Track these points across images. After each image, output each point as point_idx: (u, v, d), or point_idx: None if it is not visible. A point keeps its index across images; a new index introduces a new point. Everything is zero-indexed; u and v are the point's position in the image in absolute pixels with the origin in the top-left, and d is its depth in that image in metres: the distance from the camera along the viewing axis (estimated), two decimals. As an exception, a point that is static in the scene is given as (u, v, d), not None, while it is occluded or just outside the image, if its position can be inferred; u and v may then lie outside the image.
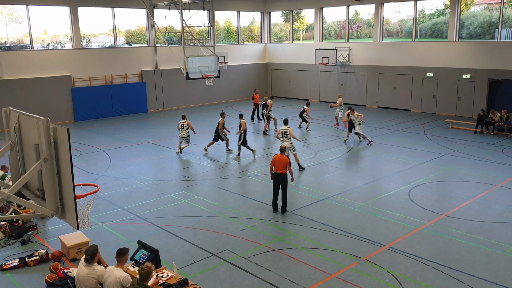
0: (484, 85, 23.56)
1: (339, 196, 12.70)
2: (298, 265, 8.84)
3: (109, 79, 26.07)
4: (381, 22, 27.70)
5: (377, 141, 19.08)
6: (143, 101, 27.32)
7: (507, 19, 23.59)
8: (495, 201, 12.12)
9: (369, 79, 28.24)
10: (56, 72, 24.15)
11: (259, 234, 10.28)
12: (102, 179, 14.44)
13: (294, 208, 11.82)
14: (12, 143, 5.88)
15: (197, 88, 29.40)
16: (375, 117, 24.52)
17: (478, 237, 9.98)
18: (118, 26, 27.24)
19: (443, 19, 26.24)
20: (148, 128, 22.95)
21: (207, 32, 29.73)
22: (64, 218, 5.41)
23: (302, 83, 31.98)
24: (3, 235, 10.20)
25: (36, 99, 23.32)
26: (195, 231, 10.49)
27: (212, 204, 12.30)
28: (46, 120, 5.08)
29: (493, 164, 15.45)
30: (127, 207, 12.09)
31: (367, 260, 8.99)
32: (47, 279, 8.26)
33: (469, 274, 8.43)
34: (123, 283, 6.60)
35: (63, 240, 9.36)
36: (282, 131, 15.00)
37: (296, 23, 33.80)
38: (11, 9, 23.67)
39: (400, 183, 13.74)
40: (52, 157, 5.15)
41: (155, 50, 27.84)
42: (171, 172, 15.24)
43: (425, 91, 25.82)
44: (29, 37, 23.76)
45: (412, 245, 9.64)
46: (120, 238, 10.18)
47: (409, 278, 8.32)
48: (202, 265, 8.92)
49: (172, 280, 7.15)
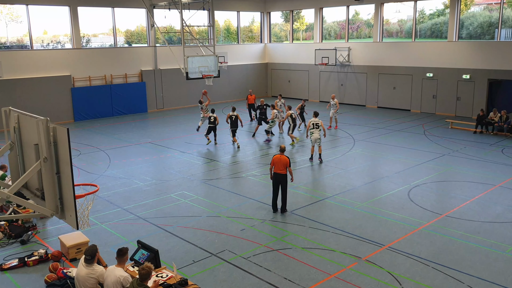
0: (484, 85, 23.57)
1: (339, 196, 12.70)
2: (298, 265, 8.84)
3: (109, 79, 26.06)
4: (381, 22, 27.71)
5: (377, 141, 19.08)
6: (143, 101, 27.32)
7: (507, 19, 23.59)
8: (495, 201, 12.12)
9: (369, 79, 28.25)
10: (56, 72, 24.14)
11: (259, 234, 10.28)
12: (102, 179, 14.43)
13: (294, 208, 11.82)
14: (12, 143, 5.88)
15: (197, 88, 29.35)
16: (375, 117, 24.52)
17: (477, 237, 9.98)
18: (118, 26, 27.24)
19: (442, 19, 26.25)
20: (148, 128, 22.95)
21: (207, 32, 29.73)
22: (63, 218, 5.42)
23: (302, 83, 31.98)
24: (3, 235, 10.19)
25: (36, 99, 23.31)
26: (195, 231, 10.49)
27: (211, 204, 12.30)
28: (45, 120, 5.08)
29: (493, 164, 15.45)
30: (126, 207, 12.09)
31: (367, 260, 8.99)
32: (47, 279, 8.25)
33: (469, 274, 8.43)
34: (123, 283, 6.59)
35: (62, 240, 9.36)
36: (313, 122, 15.70)
37: (296, 23, 33.80)
38: (11, 8, 23.66)
39: (400, 183, 13.74)
40: (52, 157, 5.15)
41: (155, 50, 27.84)
42: (170, 172, 15.24)
43: (424, 91, 25.82)
44: (29, 37, 23.75)
45: (412, 245, 9.64)
46: (120, 238, 10.17)
47: (408, 278, 8.32)
48: (202, 265, 8.92)
49: (172, 280, 7.15)
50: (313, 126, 15.74)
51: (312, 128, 15.75)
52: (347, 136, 20.09)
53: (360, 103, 28.76)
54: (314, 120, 15.81)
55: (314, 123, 15.74)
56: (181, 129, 22.10)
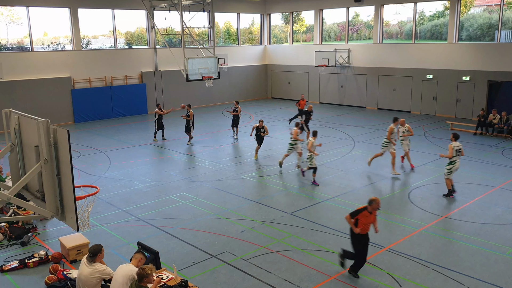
0: (484, 87, 23.58)
1: (339, 197, 12.70)
2: (298, 267, 8.84)
3: (109, 80, 26.08)
4: (381, 23, 27.74)
5: (377, 142, 19.06)
6: (143, 102, 27.33)
7: (507, 21, 23.62)
8: (495, 202, 12.12)
9: (369, 81, 28.26)
10: (56, 74, 24.16)
11: (259, 236, 10.27)
12: (102, 181, 14.43)
13: (294, 209, 11.81)
14: (12, 145, 5.88)
15: (197, 90, 29.40)
16: (375, 119, 24.53)
17: (478, 239, 9.97)
18: (118, 27, 27.27)
19: (442, 21, 26.28)
20: (148, 129, 22.94)
21: (207, 34, 29.78)
22: (64, 220, 5.41)
23: (302, 85, 31.99)
24: (3, 237, 10.19)
25: (36, 101, 23.32)
26: (195, 233, 10.48)
27: (211, 205, 12.29)
28: (46, 121, 5.08)
29: (493, 166, 15.45)
30: (127, 208, 12.09)
31: (367, 262, 8.97)
32: (47, 280, 8.25)
33: (469, 276, 8.42)
34: (131, 277, 6.63)
35: (63, 242, 9.36)
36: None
37: (295, 25, 33.83)
38: (11, 10, 23.69)
39: (400, 185, 13.74)
40: (52, 159, 5.15)
41: (155, 52, 27.86)
42: (171, 173, 15.24)
43: (424, 92, 25.84)
44: (29, 39, 23.77)
45: (412, 246, 9.64)
46: (120, 240, 10.17)
47: (409, 280, 8.32)
48: (202, 266, 8.91)
49: (172, 281, 7.15)
50: None
51: None
52: (347, 138, 20.10)
53: (360, 105, 28.77)
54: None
55: None
56: (181, 131, 22.10)
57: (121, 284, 6.63)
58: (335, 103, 30.12)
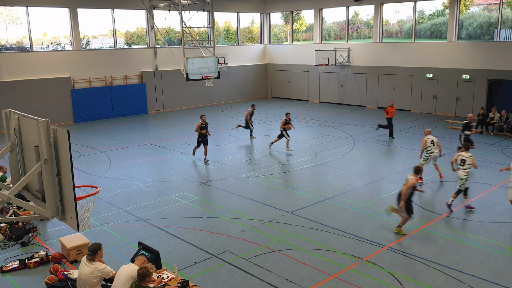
0: (484, 85, 23.57)
1: (340, 197, 12.70)
2: (298, 266, 8.84)
3: (109, 80, 26.07)
4: (381, 22, 27.72)
5: (377, 141, 19.07)
6: (143, 102, 27.32)
7: (506, 20, 23.60)
8: (495, 201, 12.12)
9: (369, 80, 28.26)
10: (56, 74, 24.15)
11: (260, 235, 10.27)
12: (102, 181, 14.43)
13: (295, 209, 11.81)
14: (12, 145, 5.88)
15: (197, 89, 29.40)
16: (375, 118, 24.50)
17: (478, 237, 9.98)
18: (117, 27, 27.26)
19: (442, 20, 26.26)
20: (148, 129, 22.95)
21: (207, 33, 29.77)
22: (64, 220, 5.41)
23: (302, 84, 31.99)
24: (3, 237, 10.18)
25: (36, 101, 23.32)
26: (195, 232, 10.48)
27: (212, 205, 12.29)
28: (46, 121, 5.08)
29: (493, 164, 15.45)
30: (127, 208, 12.08)
31: (368, 261, 8.98)
32: (47, 281, 8.25)
33: (470, 275, 8.42)
34: (134, 277, 6.65)
35: (63, 242, 9.35)
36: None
37: (295, 24, 33.82)
38: (10, 10, 23.68)
39: (400, 183, 13.68)
40: (52, 159, 5.15)
41: (155, 51, 27.85)
42: (171, 173, 15.24)
43: (424, 91, 25.83)
44: (29, 39, 23.76)
45: (413, 245, 9.64)
46: (121, 240, 10.17)
47: (409, 279, 8.32)
48: (203, 266, 8.91)
49: (173, 281, 7.15)
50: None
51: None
52: (347, 137, 20.09)
53: (360, 104, 28.76)
54: None
55: None
56: (181, 130, 22.10)
57: (123, 283, 6.64)
58: (335, 102, 30.11)
